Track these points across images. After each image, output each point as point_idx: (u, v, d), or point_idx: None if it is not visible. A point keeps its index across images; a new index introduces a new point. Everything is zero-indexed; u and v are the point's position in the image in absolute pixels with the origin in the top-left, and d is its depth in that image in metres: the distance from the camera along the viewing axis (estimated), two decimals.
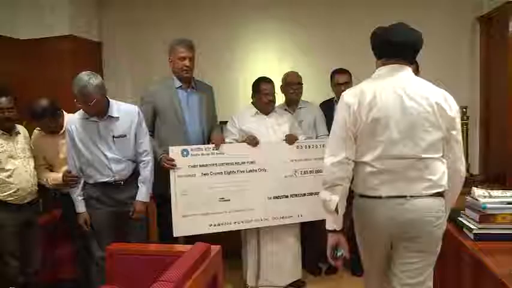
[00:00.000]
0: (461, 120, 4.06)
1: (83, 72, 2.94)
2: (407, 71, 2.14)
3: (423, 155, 2.03)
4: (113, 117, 3.04)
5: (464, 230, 2.62)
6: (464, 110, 4.20)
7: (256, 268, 3.61)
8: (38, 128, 3.25)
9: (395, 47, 2.12)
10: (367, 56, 2.45)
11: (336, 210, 2.18)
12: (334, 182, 2.15)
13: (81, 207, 3.08)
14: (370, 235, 2.23)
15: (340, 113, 2.13)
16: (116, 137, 3.08)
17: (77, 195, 3.08)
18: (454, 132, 2.11)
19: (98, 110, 2.96)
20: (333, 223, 2.25)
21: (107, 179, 3.07)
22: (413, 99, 2.03)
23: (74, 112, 3.14)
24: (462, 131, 4.04)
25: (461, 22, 4.44)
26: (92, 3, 4.81)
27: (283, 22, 4.65)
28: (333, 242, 2.27)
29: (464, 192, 3.30)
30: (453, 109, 2.10)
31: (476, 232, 2.51)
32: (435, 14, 4.38)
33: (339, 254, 2.28)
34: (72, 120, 3.07)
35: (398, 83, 2.08)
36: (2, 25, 4.18)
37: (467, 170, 4.10)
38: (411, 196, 2.04)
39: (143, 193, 3.10)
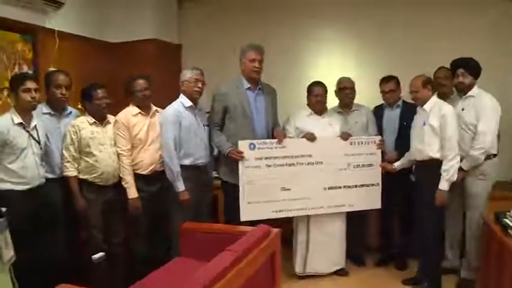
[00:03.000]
0: None
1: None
2: None
3: None
4: (201, 108, 3.53)
5: (509, 230, 2.77)
6: None
7: (304, 256, 3.90)
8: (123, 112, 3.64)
9: None
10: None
11: None
12: None
13: (181, 185, 3.50)
14: None
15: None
16: (205, 126, 3.63)
17: (180, 175, 3.50)
18: None
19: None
20: None
21: (201, 161, 3.58)
22: None
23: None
24: None
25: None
26: (173, 9, 5.28)
27: (343, 32, 4.91)
28: None
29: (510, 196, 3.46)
30: None
31: None
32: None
33: None
34: (177, 108, 3.55)
35: None
36: (94, 30, 4.70)
37: None
38: None
39: None
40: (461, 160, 3.42)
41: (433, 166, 3.41)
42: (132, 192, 3.53)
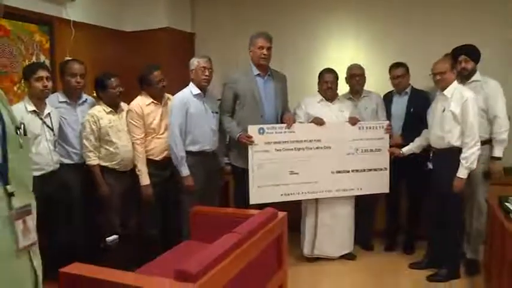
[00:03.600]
0: None
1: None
2: None
3: None
4: (211, 96, 3.68)
5: (511, 214, 2.81)
6: None
7: (312, 239, 3.99)
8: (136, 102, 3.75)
9: None
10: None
11: None
12: None
13: (185, 170, 3.61)
14: None
15: None
16: (214, 113, 3.74)
17: (185, 160, 3.61)
18: None
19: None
20: None
21: (208, 147, 3.68)
22: None
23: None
24: None
25: None
26: None
27: (354, 20, 4.91)
28: None
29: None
30: None
31: None
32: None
33: None
34: (185, 96, 3.65)
35: None
36: (111, 19, 4.81)
37: None
38: None
39: None
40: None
41: (454, 153, 3.40)
42: (145, 180, 3.65)
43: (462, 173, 3.34)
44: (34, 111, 3.20)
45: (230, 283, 2.19)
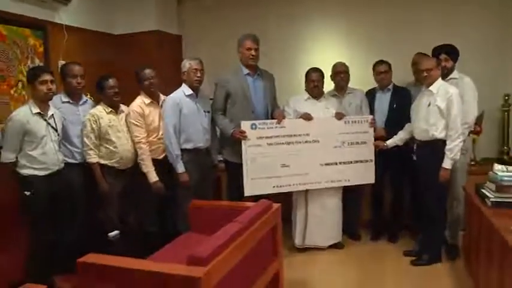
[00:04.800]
0: (504, 107, 4.49)
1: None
2: None
3: None
4: (203, 96, 3.86)
5: (485, 199, 3.02)
6: (506, 97, 4.57)
7: (303, 230, 4.18)
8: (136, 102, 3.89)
9: None
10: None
11: None
12: None
13: (181, 167, 3.77)
14: None
15: None
16: (206, 112, 3.89)
17: (180, 158, 3.76)
18: None
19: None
20: None
21: (201, 145, 3.84)
22: None
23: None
24: (503, 117, 4.48)
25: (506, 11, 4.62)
26: (173, 1, 5.49)
27: (338, 20, 5.13)
28: None
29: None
30: None
31: (493, 200, 2.92)
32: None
33: None
34: (178, 96, 3.80)
35: None
36: (102, 23, 4.94)
37: (507, 153, 4.52)
38: None
39: None
40: None
41: (437, 146, 3.61)
42: (153, 176, 3.80)
43: (447, 163, 3.56)
44: (39, 113, 3.32)
45: (235, 267, 2.37)
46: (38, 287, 2.02)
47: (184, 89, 3.84)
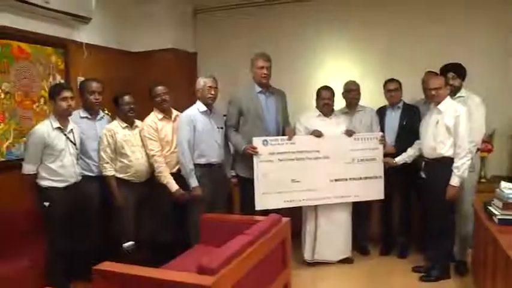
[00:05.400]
0: None
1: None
2: None
3: None
4: (217, 112, 4.00)
5: (493, 217, 3.07)
6: None
7: (313, 244, 4.25)
8: (150, 118, 4.02)
9: None
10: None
11: None
12: None
13: (194, 182, 3.87)
14: None
15: None
16: (219, 128, 4.02)
17: (193, 172, 3.87)
18: None
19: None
20: None
21: (214, 160, 3.96)
22: None
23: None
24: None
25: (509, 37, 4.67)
26: (188, 20, 5.68)
27: (349, 39, 5.24)
28: None
29: None
30: None
31: (500, 218, 2.98)
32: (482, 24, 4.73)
33: None
34: (192, 113, 3.94)
35: None
36: (118, 41, 5.14)
37: None
38: None
39: None
40: None
41: (445, 163, 3.66)
42: (174, 186, 3.91)
43: (454, 181, 3.61)
44: (59, 127, 3.48)
45: (243, 278, 2.47)
46: None
47: (199, 106, 3.97)
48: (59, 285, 3.04)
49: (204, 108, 3.96)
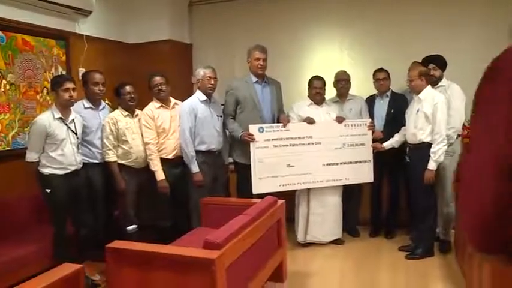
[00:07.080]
0: None
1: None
2: None
3: None
4: (216, 101, 4.20)
5: None
6: None
7: (305, 226, 4.47)
8: (148, 107, 4.19)
9: None
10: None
11: None
12: None
13: (195, 168, 4.08)
14: None
15: None
16: (219, 116, 4.21)
17: (195, 159, 4.07)
18: None
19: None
20: None
21: (214, 147, 4.15)
22: None
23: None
24: None
25: (499, 24, 4.67)
26: (184, 11, 5.81)
27: (339, 33, 5.37)
28: None
29: None
30: None
31: None
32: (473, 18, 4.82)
33: None
34: (193, 102, 4.13)
35: None
36: (117, 33, 5.29)
37: None
38: None
39: None
40: None
41: (424, 149, 3.91)
42: (160, 175, 4.09)
43: (431, 165, 3.86)
44: (60, 118, 3.62)
45: (245, 253, 2.69)
46: (74, 266, 2.31)
47: (199, 95, 4.16)
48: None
49: (204, 97, 4.15)
